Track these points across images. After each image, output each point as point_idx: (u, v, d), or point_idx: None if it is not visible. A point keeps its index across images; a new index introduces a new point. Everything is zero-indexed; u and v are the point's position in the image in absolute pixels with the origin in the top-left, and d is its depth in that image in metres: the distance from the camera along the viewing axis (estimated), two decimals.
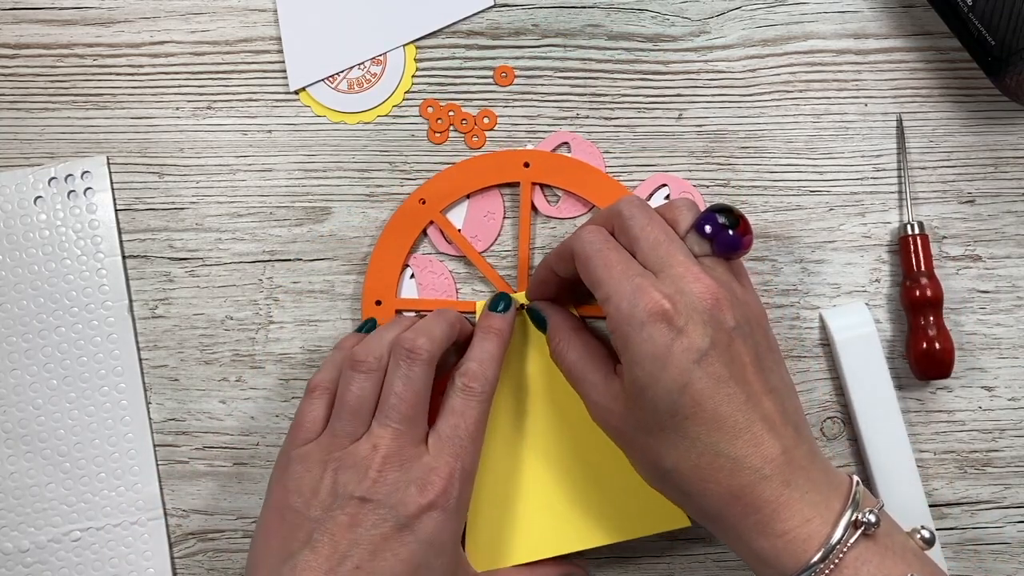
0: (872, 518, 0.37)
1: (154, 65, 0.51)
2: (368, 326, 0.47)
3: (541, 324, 0.47)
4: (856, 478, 0.39)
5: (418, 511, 0.40)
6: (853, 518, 0.37)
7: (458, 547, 0.43)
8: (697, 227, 0.41)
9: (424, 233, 0.50)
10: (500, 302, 0.46)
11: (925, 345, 0.47)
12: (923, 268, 0.48)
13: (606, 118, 0.50)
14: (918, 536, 0.39)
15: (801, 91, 0.50)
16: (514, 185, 0.50)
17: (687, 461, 0.39)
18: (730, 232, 0.41)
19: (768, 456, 0.38)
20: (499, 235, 0.50)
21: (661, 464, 0.40)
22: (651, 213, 0.42)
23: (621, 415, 0.41)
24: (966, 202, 0.50)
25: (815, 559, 0.36)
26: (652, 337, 0.38)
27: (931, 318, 0.47)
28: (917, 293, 0.47)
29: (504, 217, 0.50)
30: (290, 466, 0.42)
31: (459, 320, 0.46)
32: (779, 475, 0.38)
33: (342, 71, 0.51)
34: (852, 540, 0.37)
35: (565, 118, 0.50)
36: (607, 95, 0.51)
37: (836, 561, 0.36)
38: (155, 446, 0.49)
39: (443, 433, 0.42)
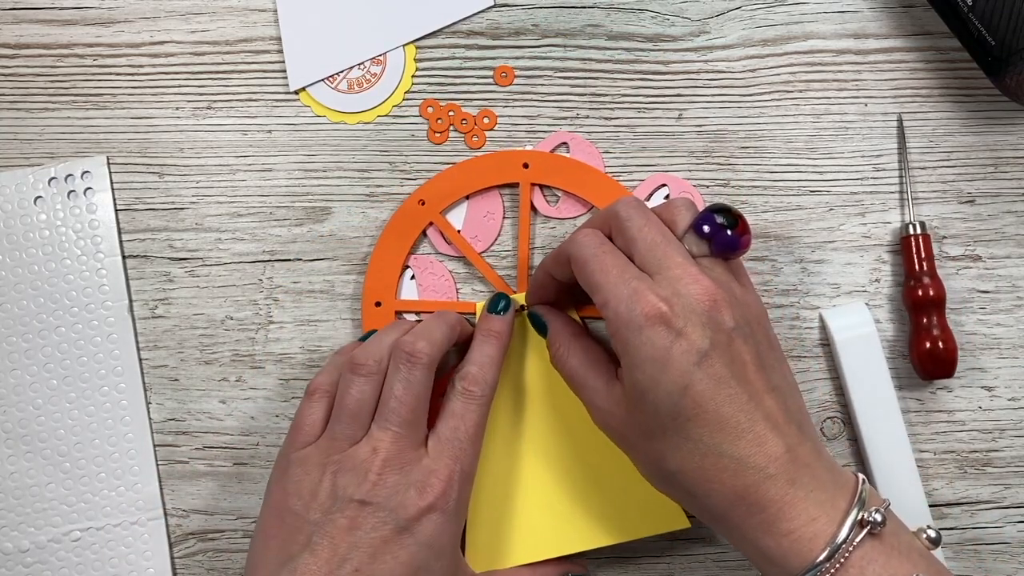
0: (878, 517, 0.37)
1: (154, 65, 0.51)
2: (369, 336, 0.47)
3: (542, 329, 0.47)
4: (862, 476, 0.39)
5: (418, 513, 0.40)
6: (859, 517, 0.37)
7: (457, 550, 0.43)
8: (695, 227, 0.41)
9: (424, 234, 0.50)
10: (499, 302, 0.46)
11: (929, 345, 0.47)
12: (925, 268, 0.48)
13: (606, 118, 0.50)
14: (924, 536, 0.39)
15: (801, 91, 0.50)
16: (514, 185, 0.50)
17: (691, 463, 0.39)
18: (728, 232, 0.41)
19: (772, 455, 0.38)
20: (499, 235, 0.50)
21: (665, 466, 0.40)
22: (648, 214, 0.42)
23: (623, 419, 0.41)
24: (966, 202, 0.50)
25: (821, 558, 0.36)
26: (651, 340, 0.38)
27: (934, 318, 0.47)
28: (920, 293, 0.47)
29: (504, 217, 0.50)
30: (289, 469, 0.42)
31: (459, 322, 0.46)
32: (784, 474, 0.38)
33: (342, 71, 0.51)
34: (858, 539, 0.37)
35: (565, 118, 0.50)
36: (607, 95, 0.50)
37: (842, 560, 0.36)
38: (155, 446, 0.49)
39: (443, 436, 0.42)
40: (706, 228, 0.41)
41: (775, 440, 0.38)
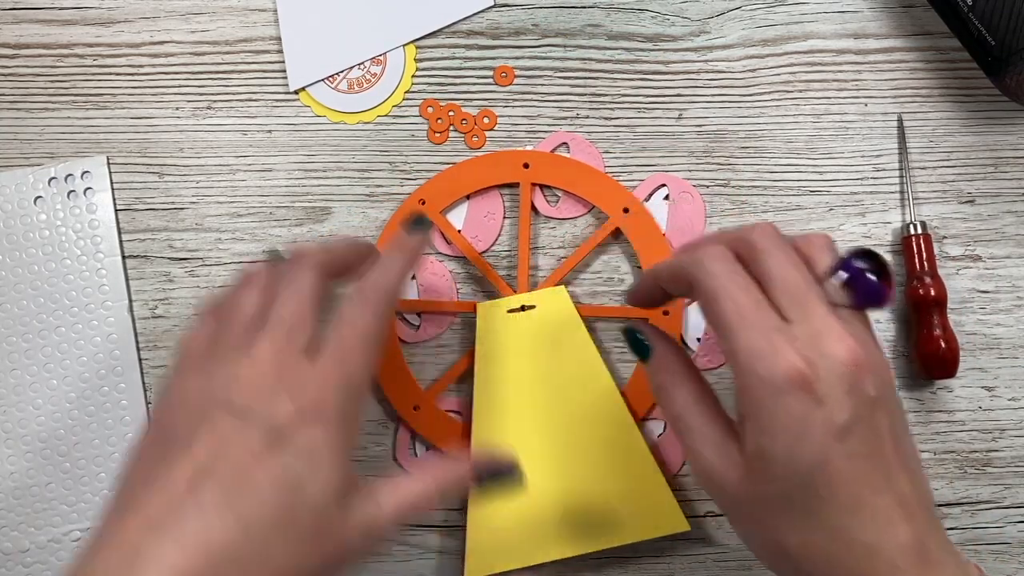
0: None
1: (154, 65, 0.51)
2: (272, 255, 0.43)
3: (641, 351, 0.41)
4: (981, 568, 0.36)
5: (290, 421, 0.36)
6: None
7: (346, 466, 0.37)
8: (839, 273, 0.36)
9: None
10: (419, 222, 0.43)
11: (931, 345, 0.47)
12: (927, 268, 0.48)
13: (606, 118, 0.50)
14: None
15: (801, 91, 0.50)
16: (514, 185, 0.50)
17: (815, 544, 0.35)
18: (874, 281, 0.36)
19: (903, 545, 0.34)
20: (499, 235, 0.50)
21: (784, 543, 0.36)
22: (788, 249, 0.37)
23: (737, 483, 0.36)
24: (966, 202, 0.50)
25: None
26: (788, 407, 0.34)
27: (936, 318, 0.47)
28: (922, 293, 0.47)
29: (504, 217, 0.50)
30: (167, 383, 0.38)
31: (366, 246, 0.43)
32: (913, 570, 0.34)
33: (342, 71, 0.51)
34: None
35: (565, 118, 0.50)
36: (607, 95, 0.50)
37: None
38: None
39: (327, 342, 0.38)
40: (849, 275, 0.36)
41: (905, 528, 0.34)
